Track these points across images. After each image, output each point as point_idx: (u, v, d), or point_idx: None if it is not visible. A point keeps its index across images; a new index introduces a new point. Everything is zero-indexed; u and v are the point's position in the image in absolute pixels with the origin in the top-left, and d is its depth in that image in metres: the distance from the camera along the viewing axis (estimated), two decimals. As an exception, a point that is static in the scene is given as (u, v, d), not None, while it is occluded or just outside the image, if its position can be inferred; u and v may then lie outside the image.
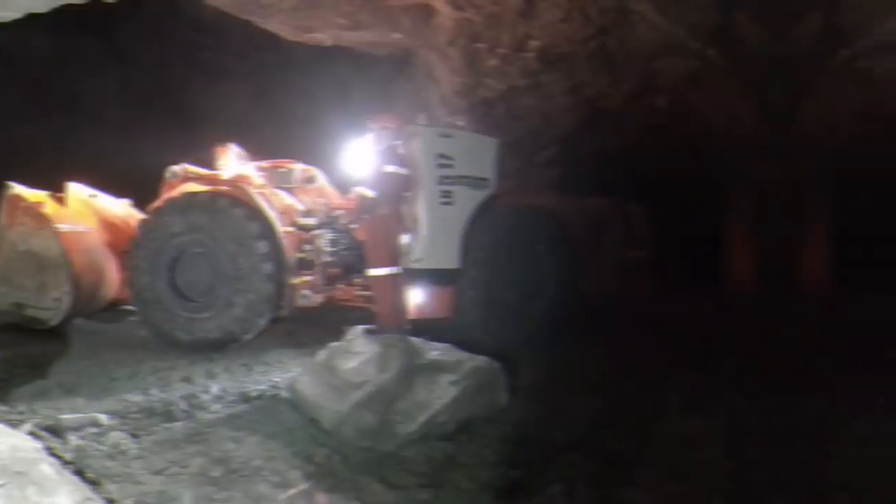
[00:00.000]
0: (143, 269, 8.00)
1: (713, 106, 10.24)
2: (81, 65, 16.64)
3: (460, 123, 11.42)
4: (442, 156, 7.90)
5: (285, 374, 6.81)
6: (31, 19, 7.63)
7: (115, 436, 4.79)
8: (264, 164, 9.25)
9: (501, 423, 5.56)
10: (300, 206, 8.83)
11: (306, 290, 8.44)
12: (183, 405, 5.72)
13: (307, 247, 8.54)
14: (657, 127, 10.99)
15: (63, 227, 8.06)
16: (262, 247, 7.77)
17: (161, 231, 7.99)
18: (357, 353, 5.77)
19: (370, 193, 6.91)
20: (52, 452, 4.06)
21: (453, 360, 5.71)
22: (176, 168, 8.71)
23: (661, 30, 9.33)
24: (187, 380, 6.60)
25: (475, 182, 8.21)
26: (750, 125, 10.06)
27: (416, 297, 7.83)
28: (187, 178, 8.65)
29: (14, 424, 4.74)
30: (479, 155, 8.36)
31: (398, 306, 6.90)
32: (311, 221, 8.67)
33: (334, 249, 8.92)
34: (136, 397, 5.90)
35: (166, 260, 7.96)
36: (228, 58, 16.61)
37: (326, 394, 5.46)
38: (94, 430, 4.87)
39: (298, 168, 9.30)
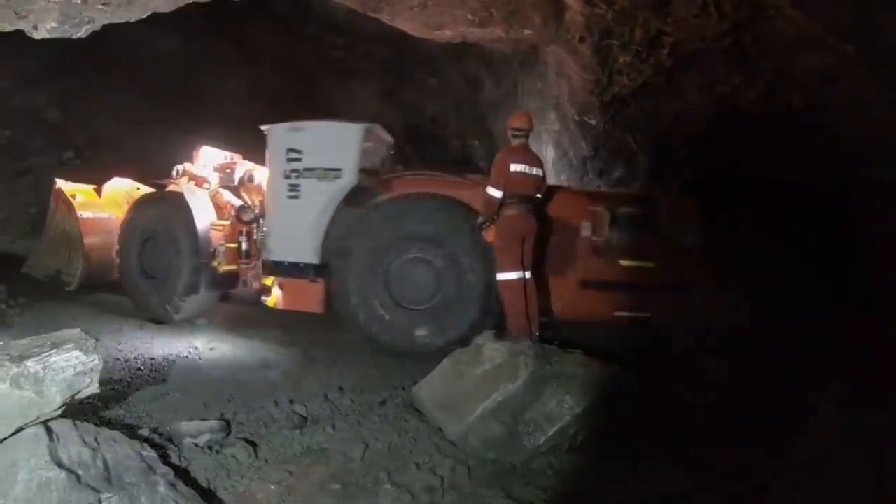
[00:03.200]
0: (123, 250, 9.89)
1: (850, 104, 9.64)
2: (209, 64, 17.02)
3: (588, 121, 11.12)
4: (291, 150, 8.25)
5: (416, 382, 6.59)
6: (160, 20, 8.08)
7: (233, 444, 4.69)
8: (218, 164, 10.60)
9: (632, 432, 5.22)
10: (237, 203, 9.73)
11: (247, 277, 9.57)
12: (306, 413, 5.62)
13: (242, 238, 9.41)
14: (791, 126, 10.45)
15: (84, 214, 10.40)
16: (188, 237, 9.14)
17: (133, 221, 9.88)
18: (484, 360, 5.52)
19: (497, 194, 6.56)
20: (165, 461, 4.00)
21: (585, 368, 5.43)
22: (179, 166, 10.50)
23: (797, 24, 8.84)
24: (315, 386, 6.48)
25: (324, 174, 8.10)
26: (887, 124, 9.41)
27: (276, 291, 8.50)
28: (183, 175, 10.40)
29: (130, 430, 4.71)
30: (333, 146, 8.19)
31: (527, 312, 6.57)
32: (248, 216, 9.47)
33: None
34: (257, 403, 5.80)
35: (136, 244, 9.72)
36: (358, 56, 16.68)
37: (451, 402, 5.27)
38: (212, 437, 4.75)
39: (241, 168, 10.26)
